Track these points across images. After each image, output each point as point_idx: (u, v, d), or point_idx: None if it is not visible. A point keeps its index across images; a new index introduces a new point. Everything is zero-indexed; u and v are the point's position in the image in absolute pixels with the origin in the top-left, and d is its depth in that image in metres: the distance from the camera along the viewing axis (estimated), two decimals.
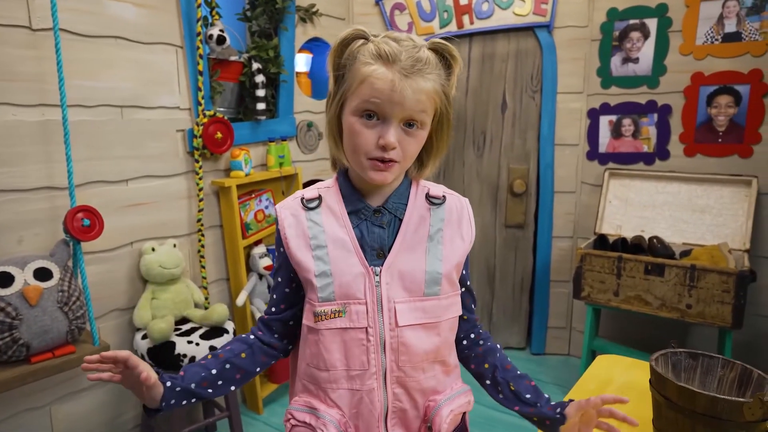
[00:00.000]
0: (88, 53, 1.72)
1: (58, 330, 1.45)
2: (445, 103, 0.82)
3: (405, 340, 0.83)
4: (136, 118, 1.89)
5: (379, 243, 0.84)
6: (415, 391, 0.85)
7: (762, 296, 2.37)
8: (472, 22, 2.75)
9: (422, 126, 0.81)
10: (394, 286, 0.83)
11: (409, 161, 0.84)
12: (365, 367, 0.83)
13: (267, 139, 2.38)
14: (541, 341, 2.97)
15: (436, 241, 0.85)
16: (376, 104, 0.77)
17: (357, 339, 0.82)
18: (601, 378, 1.21)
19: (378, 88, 0.76)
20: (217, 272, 2.28)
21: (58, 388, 1.74)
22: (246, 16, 2.37)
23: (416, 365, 0.84)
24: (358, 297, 0.82)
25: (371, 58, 0.77)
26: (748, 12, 2.32)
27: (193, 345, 1.82)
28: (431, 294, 0.84)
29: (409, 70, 0.76)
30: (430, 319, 0.84)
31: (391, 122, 0.78)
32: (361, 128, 0.79)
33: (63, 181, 1.63)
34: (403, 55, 0.76)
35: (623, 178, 2.64)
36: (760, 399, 0.83)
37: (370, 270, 0.82)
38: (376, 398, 0.83)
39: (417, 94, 0.77)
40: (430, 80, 0.78)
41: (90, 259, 1.78)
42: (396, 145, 0.78)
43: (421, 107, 0.78)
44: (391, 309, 0.82)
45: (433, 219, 0.87)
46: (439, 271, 0.84)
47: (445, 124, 0.85)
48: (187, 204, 2.11)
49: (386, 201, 0.86)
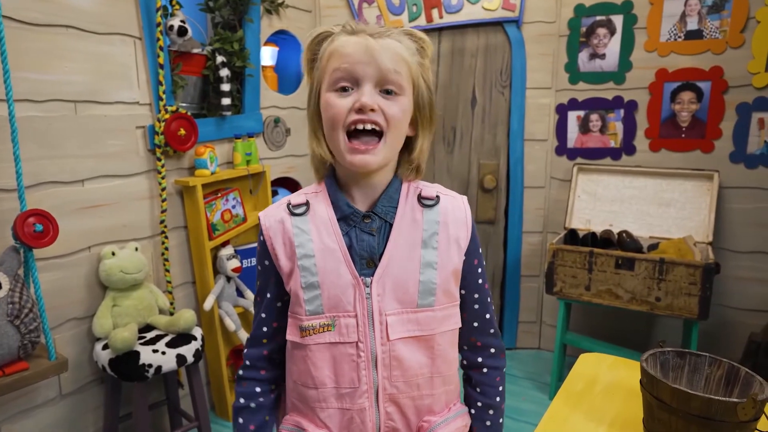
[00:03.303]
0: (36, 43, 1.59)
1: (8, 346, 1.33)
2: (422, 77, 0.79)
3: (397, 355, 0.77)
4: (91, 113, 1.77)
5: (369, 251, 0.78)
6: (408, 410, 0.80)
7: (725, 287, 2.45)
8: (441, 16, 2.72)
9: (400, 91, 0.75)
10: (386, 298, 0.77)
11: (396, 135, 0.77)
12: (355, 385, 0.77)
13: (233, 135, 2.28)
14: (512, 335, 2.99)
15: (431, 247, 0.79)
16: (346, 68, 0.73)
17: (347, 354, 0.77)
18: (587, 378, 1.20)
19: (347, 52, 0.73)
20: (183, 276, 2.17)
21: (8, 407, 1.60)
22: (208, 7, 2.25)
23: (410, 381, 0.79)
24: (348, 309, 0.76)
25: (338, 35, 0.76)
26: (709, 10, 2.38)
27: (159, 354, 1.73)
28: (425, 305, 0.78)
29: (375, 34, 0.74)
30: (423, 331, 0.78)
31: (365, 84, 0.73)
32: (335, 100, 0.74)
33: (11, 183, 1.50)
34: (369, 27, 0.75)
35: (591, 173, 2.67)
36: (753, 399, 0.82)
37: (360, 280, 0.77)
38: (367, 418, 0.78)
39: (387, 51, 0.73)
40: (400, 42, 0.75)
41: (43, 265, 1.65)
42: (375, 107, 0.73)
43: (394, 66, 0.73)
44: (383, 322, 0.76)
45: (426, 222, 0.80)
46: (433, 281, 0.78)
47: (427, 102, 0.81)
48: (149, 205, 2.00)
49: (375, 205, 0.80)
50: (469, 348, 0.88)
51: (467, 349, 0.88)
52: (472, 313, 0.86)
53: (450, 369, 0.83)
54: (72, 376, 1.79)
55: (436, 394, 0.82)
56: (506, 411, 0.93)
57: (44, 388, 1.71)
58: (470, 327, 0.86)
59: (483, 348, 0.88)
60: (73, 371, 1.78)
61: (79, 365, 1.81)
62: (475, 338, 0.87)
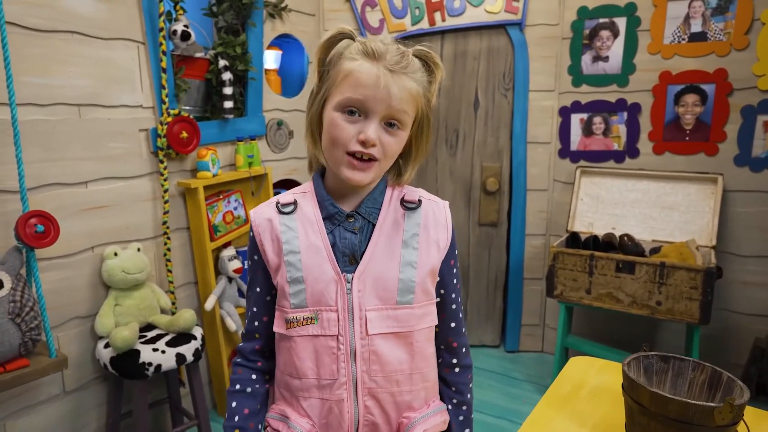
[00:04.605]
0: (40, 48, 1.63)
1: (9, 343, 1.37)
2: (426, 108, 0.82)
3: (376, 349, 0.80)
4: (95, 117, 1.81)
5: (350, 249, 0.82)
6: (387, 405, 0.82)
7: (729, 291, 2.42)
8: (443, 19, 2.72)
9: (403, 126, 0.79)
10: (366, 294, 0.80)
11: (389, 161, 0.81)
12: (335, 377, 0.80)
13: (235, 138, 2.31)
14: (515, 339, 2.98)
15: (411, 247, 0.82)
16: (360, 99, 0.75)
17: (328, 347, 0.80)
18: (574, 381, 1.20)
19: (362, 82, 0.75)
20: (185, 276, 2.21)
21: (12, 402, 1.65)
22: (212, 12, 2.29)
23: (389, 376, 0.81)
24: (330, 304, 0.80)
25: (357, 54, 0.76)
26: (713, 12, 2.36)
27: (159, 353, 1.76)
28: (404, 303, 0.81)
29: (394, 67, 0.75)
30: (402, 328, 0.81)
31: (372, 119, 0.76)
32: (341, 122, 0.77)
33: (15, 184, 1.54)
34: (389, 54, 0.75)
35: (594, 176, 2.66)
36: (730, 404, 0.82)
37: (342, 276, 0.80)
38: (345, 409, 0.81)
39: (401, 91, 0.75)
40: (414, 81, 0.78)
41: (47, 265, 1.69)
42: (376, 142, 0.76)
43: (403, 106, 0.76)
44: (363, 317, 0.80)
45: (408, 224, 0.83)
46: (413, 280, 0.81)
47: (425, 129, 0.83)
48: (152, 206, 2.04)
49: (359, 205, 0.83)
50: (446, 348, 0.91)
51: (444, 349, 0.91)
52: (450, 314, 0.89)
53: (428, 366, 0.86)
54: (75, 374, 1.83)
55: (416, 390, 0.84)
56: (506, 413, 0.96)
57: (48, 385, 1.75)
58: (448, 327, 0.89)
59: (458, 348, 0.91)
60: (76, 369, 1.82)
61: (83, 363, 1.85)
62: (452, 338, 0.90)
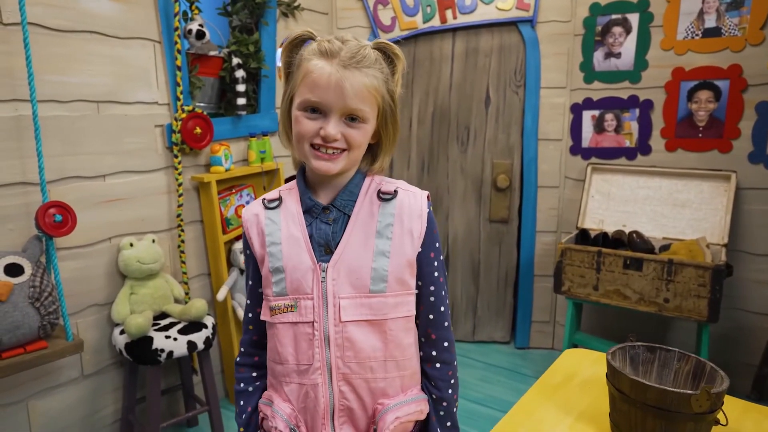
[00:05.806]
0: (61, 48, 1.71)
1: (29, 325, 1.45)
2: (389, 100, 0.84)
3: (350, 336, 0.83)
4: (113, 113, 1.89)
5: (325, 239, 0.86)
6: (362, 390, 0.85)
7: (742, 290, 2.38)
8: (455, 16, 2.74)
9: (364, 120, 0.82)
10: (340, 282, 0.84)
11: (358, 151, 0.84)
12: (310, 362, 0.84)
13: (248, 134, 2.37)
14: (525, 335, 2.98)
15: (385, 237, 0.85)
16: (316, 101, 0.80)
17: (305, 333, 0.84)
18: (566, 372, 1.22)
19: (317, 83, 0.79)
20: (198, 267, 2.28)
21: (34, 384, 1.74)
22: (227, 11, 2.36)
23: (362, 362, 0.84)
24: (307, 292, 0.84)
25: (313, 54, 0.81)
26: (728, 7, 2.32)
27: (171, 340, 1.83)
28: (377, 291, 0.84)
29: (347, 62, 0.79)
30: (375, 316, 0.84)
31: (331, 116, 0.80)
32: (304, 120, 0.81)
33: (37, 177, 1.62)
34: (342, 51, 0.79)
35: (605, 172, 2.64)
36: (707, 391, 0.84)
37: (318, 266, 0.84)
38: (320, 394, 0.84)
39: (356, 87, 0.79)
40: (370, 75, 0.80)
41: (67, 254, 1.78)
42: (338, 137, 0.81)
43: (359, 100, 0.80)
44: (336, 304, 0.83)
45: (382, 215, 0.86)
46: (385, 269, 0.84)
47: (390, 121, 0.86)
48: (167, 199, 2.11)
49: (335, 198, 0.87)
50: (426, 340, 0.92)
51: (424, 341, 0.92)
52: (428, 305, 0.90)
53: (404, 355, 0.87)
54: (93, 359, 1.91)
55: (390, 377, 0.86)
56: None
57: (67, 369, 1.84)
58: (426, 319, 0.91)
59: (438, 341, 0.91)
60: (93, 354, 1.91)
61: (100, 348, 1.94)
62: (431, 330, 0.91)
